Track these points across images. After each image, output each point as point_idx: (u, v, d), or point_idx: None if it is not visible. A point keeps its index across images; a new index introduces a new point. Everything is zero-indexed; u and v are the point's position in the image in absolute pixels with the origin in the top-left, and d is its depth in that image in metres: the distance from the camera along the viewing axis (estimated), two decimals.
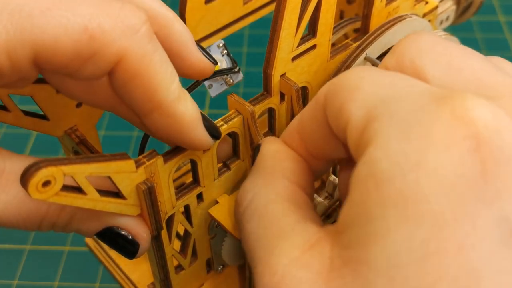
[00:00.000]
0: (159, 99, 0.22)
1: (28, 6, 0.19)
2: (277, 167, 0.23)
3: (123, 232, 0.25)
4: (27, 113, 0.27)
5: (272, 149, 0.25)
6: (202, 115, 0.24)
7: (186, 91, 0.23)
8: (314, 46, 0.28)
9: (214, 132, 0.25)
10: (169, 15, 0.24)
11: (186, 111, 0.23)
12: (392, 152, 0.17)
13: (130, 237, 0.25)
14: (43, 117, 0.28)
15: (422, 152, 0.17)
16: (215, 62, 0.26)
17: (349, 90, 0.20)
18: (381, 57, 0.31)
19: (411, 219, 0.16)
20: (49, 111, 0.28)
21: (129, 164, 0.23)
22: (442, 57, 0.21)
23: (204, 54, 0.25)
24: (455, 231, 0.16)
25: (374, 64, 0.30)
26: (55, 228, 0.24)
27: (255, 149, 0.26)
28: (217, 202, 0.30)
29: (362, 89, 0.19)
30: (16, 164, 0.22)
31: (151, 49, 0.21)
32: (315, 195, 0.28)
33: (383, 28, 0.30)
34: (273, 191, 0.22)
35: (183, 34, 0.24)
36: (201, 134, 0.24)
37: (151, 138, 0.28)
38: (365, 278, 0.17)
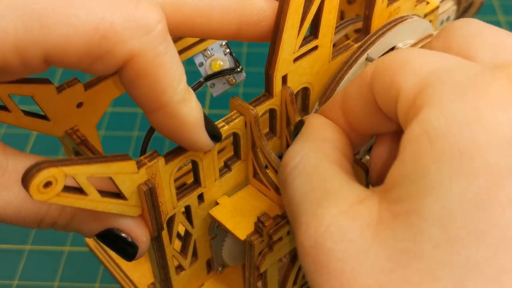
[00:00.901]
0: (165, 99, 0.22)
1: (39, 5, 0.19)
2: (325, 135, 0.24)
3: (122, 234, 0.25)
4: (27, 113, 0.27)
5: (318, 121, 0.25)
6: (205, 117, 0.24)
7: (192, 91, 0.23)
8: (316, 47, 0.28)
9: (215, 134, 0.25)
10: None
11: (189, 113, 0.23)
12: (447, 110, 0.18)
13: (130, 240, 0.25)
14: (44, 117, 0.28)
15: (478, 109, 0.17)
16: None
17: (399, 64, 0.21)
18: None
19: (466, 172, 0.17)
20: (49, 111, 0.28)
21: (131, 165, 0.23)
22: (489, 39, 0.22)
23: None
24: (508, 185, 0.17)
25: None
26: (55, 226, 0.24)
27: (297, 125, 0.26)
28: (217, 203, 0.30)
29: (413, 62, 0.20)
30: (19, 163, 0.22)
31: (163, 50, 0.21)
32: None
33: (384, 29, 0.30)
34: (322, 153, 0.23)
35: None
36: (202, 137, 0.24)
37: (152, 139, 0.28)
38: (416, 228, 0.17)
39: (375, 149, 0.25)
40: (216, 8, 0.24)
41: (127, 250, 0.25)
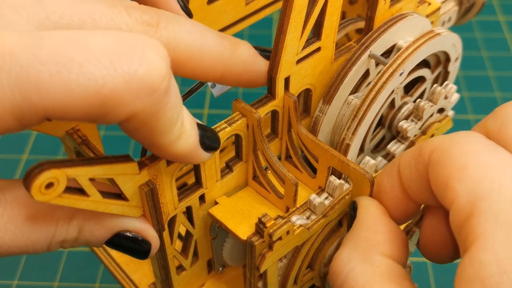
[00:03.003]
0: (160, 142, 0.21)
1: (36, 69, 0.18)
2: (373, 241, 0.24)
3: (131, 235, 0.25)
4: None
5: (370, 218, 0.25)
6: (202, 127, 0.24)
7: (187, 117, 0.22)
8: (318, 49, 0.28)
9: (214, 144, 0.25)
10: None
11: (185, 145, 0.22)
12: (499, 259, 0.18)
13: (141, 238, 0.25)
14: None
15: None
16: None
17: (456, 166, 0.21)
18: (385, 54, 0.31)
19: None
20: None
21: (132, 166, 0.23)
22: None
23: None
24: None
25: (379, 61, 0.30)
26: (65, 244, 0.24)
27: (352, 209, 0.27)
28: (216, 203, 0.30)
29: (471, 170, 0.20)
30: (16, 191, 0.22)
31: (164, 105, 0.20)
32: (315, 196, 0.28)
33: (386, 26, 0.30)
34: (370, 269, 0.23)
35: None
36: (198, 157, 0.24)
37: None
38: None
39: (426, 219, 0.25)
40: (206, 53, 0.24)
41: (140, 248, 0.25)
